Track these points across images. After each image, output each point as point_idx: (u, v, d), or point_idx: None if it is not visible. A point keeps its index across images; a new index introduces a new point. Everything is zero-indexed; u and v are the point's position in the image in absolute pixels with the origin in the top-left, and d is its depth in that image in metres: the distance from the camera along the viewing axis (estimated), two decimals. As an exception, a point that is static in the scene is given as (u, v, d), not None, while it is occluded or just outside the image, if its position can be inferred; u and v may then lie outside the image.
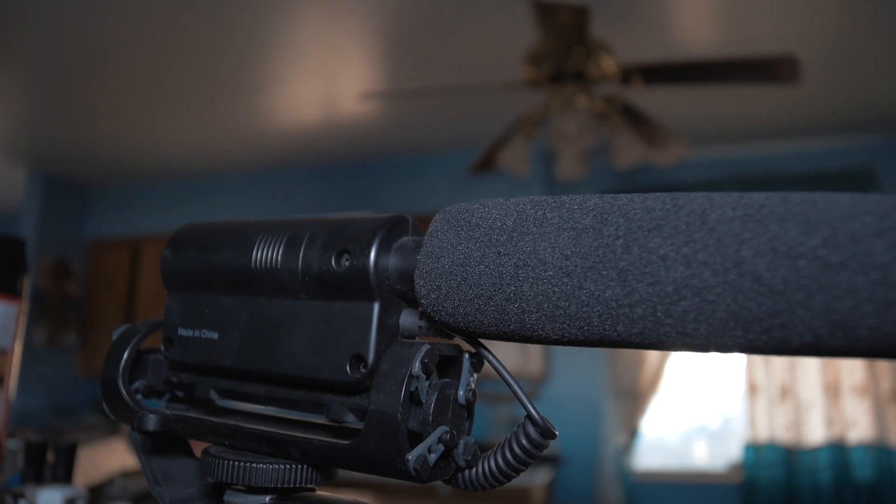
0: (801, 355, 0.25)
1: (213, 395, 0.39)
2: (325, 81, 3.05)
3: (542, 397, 3.63)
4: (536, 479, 3.07)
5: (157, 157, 4.13)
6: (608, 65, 2.28)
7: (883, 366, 3.32)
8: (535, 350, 3.55)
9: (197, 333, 0.38)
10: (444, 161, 3.90)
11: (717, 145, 3.68)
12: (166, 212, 4.51)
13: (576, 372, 3.67)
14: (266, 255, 0.35)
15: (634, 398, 3.58)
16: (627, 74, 2.30)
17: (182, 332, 0.39)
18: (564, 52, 2.18)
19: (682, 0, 2.43)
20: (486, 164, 2.86)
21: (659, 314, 0.25)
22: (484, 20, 2.50)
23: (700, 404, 3.75)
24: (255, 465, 0.33)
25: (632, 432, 3.57)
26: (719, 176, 3.70)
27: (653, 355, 3.57)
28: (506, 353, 3.55)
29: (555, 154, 2.67)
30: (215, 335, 0.37)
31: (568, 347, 0.29)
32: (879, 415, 3.31)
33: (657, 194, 0.27)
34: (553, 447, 3.48)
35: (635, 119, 2.50)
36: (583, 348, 0.30)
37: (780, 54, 2.15)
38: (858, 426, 3.32)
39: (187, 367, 0.40)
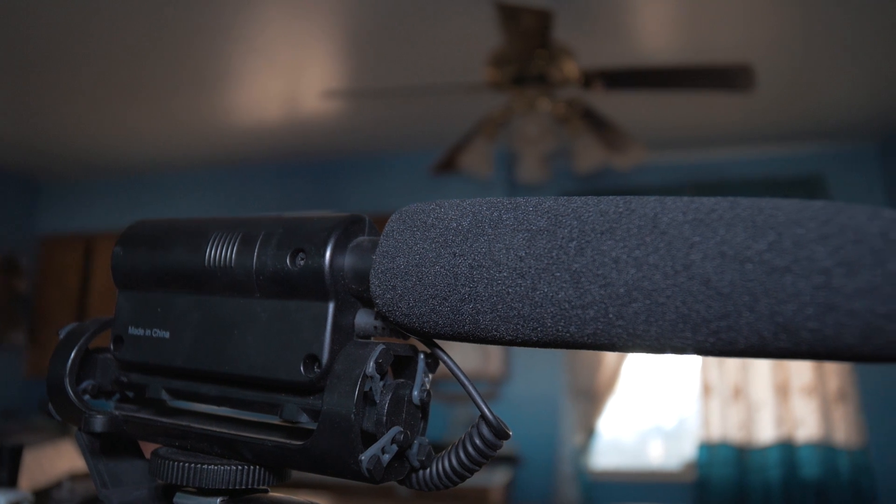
0: (747, 356, 0.26)
1: (165, 395, 0.38)
2: (288, 78, 3.02)
3: (502, 398, 3.65)
4: (495, 478, 3.09)
5: (114, 151, 4.03)
6: (570, 69, 2.30)
7: (830, 366, 3.43)
8: (494, 351, 3.57)
9: (148, 332, 0.38)
10: (407, 161, 3.90)
11: (676, 150, 3.76)
12: (122, 208, 4.40)
13: (535, 373, 3.69)
14: (220, 253, 0.35)
15: (592, 399, 3.62)
16: (589, 79, 2.33)
17: (132, 331, 0.38)
18: (527, 55, 2.19)
19: (644, 7, 2.47)
20: (448, 164, 2.86)
21: (611, 316, 0.26)
22: (448, 21, 2.51)
23: (656, 405, 3.82)
24: (205, 466, 0.33)
25: (589, 432, 3.61)
26: (677, 180, 3.77)
27: (610, 356, 3.62)
28: (465, 354, 3.56)
29: (516, 156, 2.68)
30: (167, 334, 0.37)
31: (527, 348, 0.29)
32: (826, 414, 3.42)
33: (611, 198, 0.27)
34: (511, 447, 3.51)
35: (596, 123, 2.54)
36: (542, 349, 0.30)
37: (736, 63, 2.21)
38: (806, 425, 3.42)
39: (138, 367, 0.39)
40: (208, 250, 0.35)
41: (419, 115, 3.40)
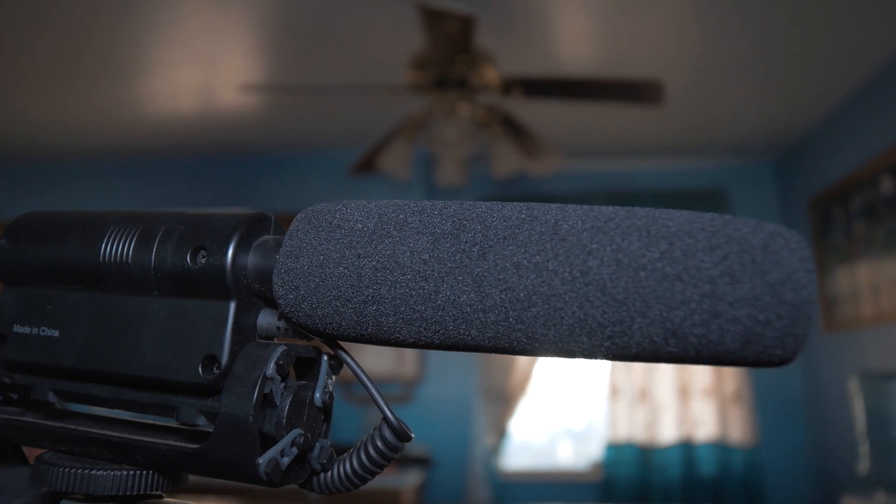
0: (640, 360, 0.27)
1: (52, 397, 0.36)
2: (204, 69, 2.92)
3: (416, 400, 3.66)
4: (407, 480, 3.09)
5: (9, 137, 3.78)
6: (491, 75, 2.33)
7: (728, 370, 3.62)
8: (409, 353, 3.57)
9: (35, 331, 0.36)
10: (325, 160, 3.85)
11: (591, 159, 3.87)
12: (17, 198, 4.13)
13: (449, 375, 3.72)
14: (116, 248, 0.33)
15: (504, 400, 3.68)
16: (509, 86, 2.37)
17: (18, 328, 0.36)
18: (449, 59, 2.21)
19: (564, 19, 2.54)
20: (366, 165, 2.85)
21: (511, 319, 0.26)
22: (371, 21, 2.49)
23: (566, 406, 3.92)
24: (93, 471, 0.31)
25: (501, 434, 3.67)
26: (591, 189, 3.89)
27: (522, 359, 3.69)
28: (379, 357, 3.55)
29: (436, 159, 2.70)
30: (56, 333, 0.35)
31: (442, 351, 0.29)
32: (723, 414, 3.61)
33: (514, 203, 0.28)
34: (424, 449, 3.52)
35: (514, 129, 2.58)
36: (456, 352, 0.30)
37: (647, 78, 2.30)
38: (705, 425, 3.60)
39: (23, 368, 0.37)
40: (103, 245, 0.34)
41: (339, 114, 3.36)
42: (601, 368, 3.78)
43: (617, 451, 3.62)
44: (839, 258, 3.22)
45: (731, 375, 3.63)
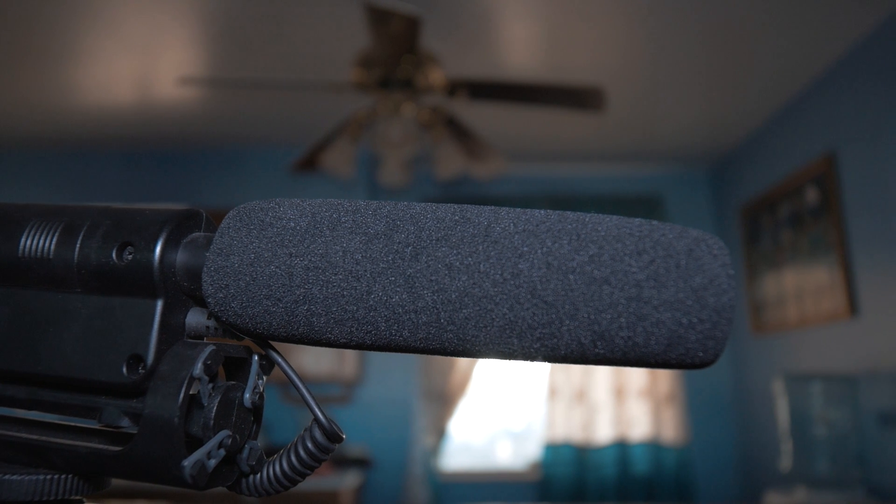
0: (569, 362, 0.27)
1: (-36, 398, 0.35)
2: (141, 59, 2.83)
3: (356, 400, 3.63)
4: (346, 481, 3.06)
5: (-72, 125, 3.58)
6: (436, 76, 2.34)
7: (662, 371, 3.72)
8: (349, 354, 3.54)
9: (-53, 328, 0.34)
10: (266, 156, 3.78)
11: (533, 163, 3.93)
12: (-64, 188, 3.92)
13: (389, 376, 3.71)
14: (37, 243, 0.32)
15: (444, 401, 3.69)
16: (454, 88, 2.38)
17: (-72, 326, 0.34)
18: (395, 59, 2.21)
19: (511, 24, 2.56)
20: (309, 163, 2.81)
21: (442, 321, 0.26)
22: (316, 18, 2.47)
23: (505, 407, 3.96)
24: (6, 476, 0.30)
25: (440, 434, 3.68)
26: (533, 192, 3.94)
27: (462, 360, 3.71)
28: (319, 357, 3.51)
29: (379, 159, 2.69)
30: (-31, 331, 0.33)
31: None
32: (657, 415, 3.71)
33: (448, 205, 0.28)
34: (364, 450, 3.50)
35: (458, 131, 2.60)
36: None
37: (588, 85, 2.34)
38: (639, 425, 3.69)
39: (-67, 367, 0.35)
40: (23, 239, 0.32)
41: (281, 110, 3.31)
42: (540, 370, 3.83)
43: (554, 451, 3.68)
44: (767, 264, 3.35)
45: (664, 377, 3.73)
